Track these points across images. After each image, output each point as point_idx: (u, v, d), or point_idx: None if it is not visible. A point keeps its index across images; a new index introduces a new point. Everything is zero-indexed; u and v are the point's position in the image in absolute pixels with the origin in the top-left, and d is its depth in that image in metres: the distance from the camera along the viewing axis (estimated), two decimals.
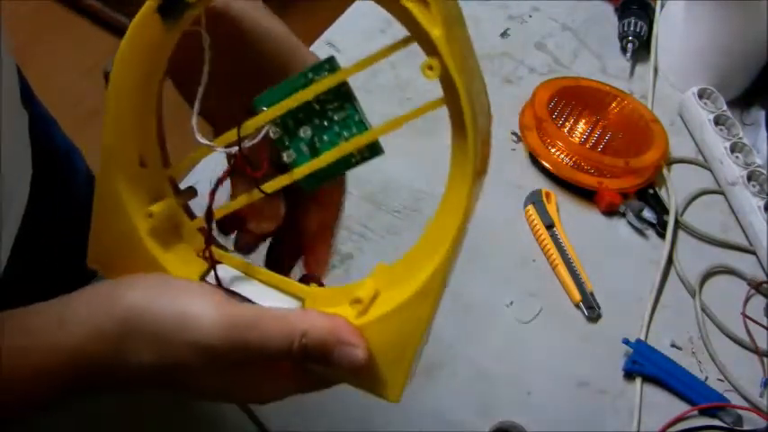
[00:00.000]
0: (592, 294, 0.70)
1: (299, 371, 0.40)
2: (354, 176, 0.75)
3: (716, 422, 0.65)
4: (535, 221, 0.74)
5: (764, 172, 0.77)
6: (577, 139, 0.79)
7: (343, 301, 0.39)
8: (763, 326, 0.71)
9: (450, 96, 0.35)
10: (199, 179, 0.48)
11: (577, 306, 0.70)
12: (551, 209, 0.75)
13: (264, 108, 0.39)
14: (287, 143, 0.40)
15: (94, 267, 0.43)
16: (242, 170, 0.40)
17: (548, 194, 0.76)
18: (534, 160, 0.79)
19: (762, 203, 0.76)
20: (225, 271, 0.42)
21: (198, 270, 0.42)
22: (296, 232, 0.47)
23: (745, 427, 0.65)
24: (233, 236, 0.47)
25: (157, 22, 0.38)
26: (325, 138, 0.39)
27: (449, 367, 0.65)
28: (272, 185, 0.40)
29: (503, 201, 0.76)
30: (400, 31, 0.37)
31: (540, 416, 0.63)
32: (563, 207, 0.76)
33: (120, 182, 0.40)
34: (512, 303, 0.70)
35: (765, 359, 0.69)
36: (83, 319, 0.38)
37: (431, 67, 0.34)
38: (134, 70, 0.39)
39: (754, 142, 0.81)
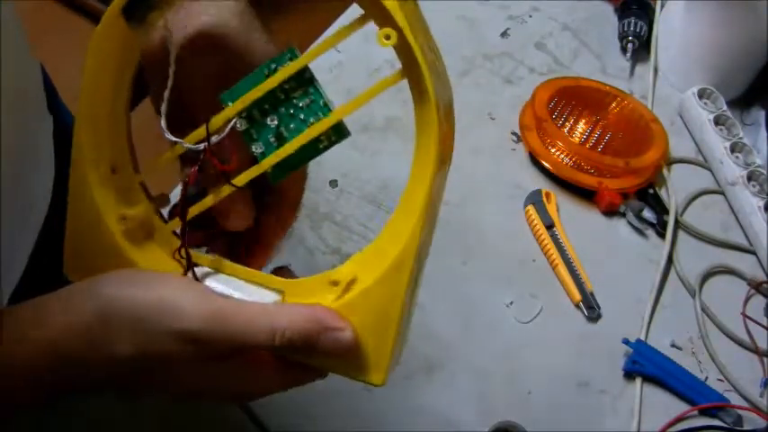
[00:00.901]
0: (592, 294, 0.71)
1: (284, 363, 0.39)
2: (354, 176, 0.75)
3: (716, 422, 0.65)
4: (535, 221, 0.74)
5: (764, 172, 0.77)
6: (577, 139, 0.79)
7: (322, 289, 0.40)
8: (763, 326, 0.71)
9: (408, 64, 0.36)
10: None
11: (577, 306, 0.70)
12: (551, 209, 0.75)
13: (230, 103, 0.39)
14: (255, 136, 0.40)
15: (72, 278, 0.42)
16: (212, 168, 0.40)
17: (548, 194, 0.76)
18: (534, 160, 0.79)
19: (762, 203, 0.76)
20: (200, 270, 0.42)
21: (175, 272, 0.42)
22: (254, 230, 0.46)
23: (745, 427, 0.65)
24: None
25: (123, 26, 0.38)
26: (292, 126, 0.40)
27: (449, 367, 0.65)
28: (241, 179, 0.40)
29: (503, 201, 0.76)
30: None
31: (540, 416, 0.63)
32: (563, 207, 0.76)
33: (94, 189, 0.41)
34: (512, 303, 0.70)
35: (765, 359, 0.69)
36: (58, 313, 0.38)
37: (387, 37, 0.35)
38: (103, 76, 0.39)
39: (754, 142, 0.81)
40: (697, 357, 0.69)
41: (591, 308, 0.70)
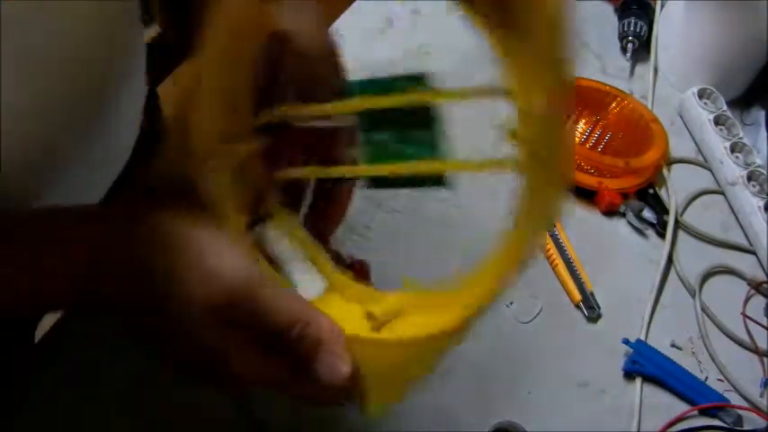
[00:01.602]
0: (592, 294, 0.70)
1: (282, 363, 0.39)
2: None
3: (716, 422, 0.65)
4: None
5: (764, 172, 0.77)
6: (577, 139, 0.79)
7: (360, 308, 0.39)
8: (763, 326, 0.71)
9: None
10: None
11: (577, 306, 0.70)
12: None
13: (354, 95, 0.38)
14: (361, 138, 0.39)
15: (154, 179, 0.42)
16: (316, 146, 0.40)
17: None
18: None
19: (762, 203, 0.76)
20: (270, 227, 0.41)
21: (247, 218, 0.41)
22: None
23: (745, 427, 0.65)
24: None
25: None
26: (399, 148, 0.39)
27: (449, 367, 0.65)
28: (338, 171, 0.40)
29: (503, 201, 0.76)
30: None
31: (540, 416, 0.63)
32: (563, 207, 0.76)
33: (206, 113, 0.39)
34: (512, 303, 0.70)
35: (765, 359, 0.69)
36: (111, 218, 0.39)
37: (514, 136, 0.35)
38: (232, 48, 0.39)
39: (754, 142, 0.81)
40: (697, 357, 0.69)
41: (591, 308, 0.70)
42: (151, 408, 0.58)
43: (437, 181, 0.39)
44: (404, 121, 0.38)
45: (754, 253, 0.76)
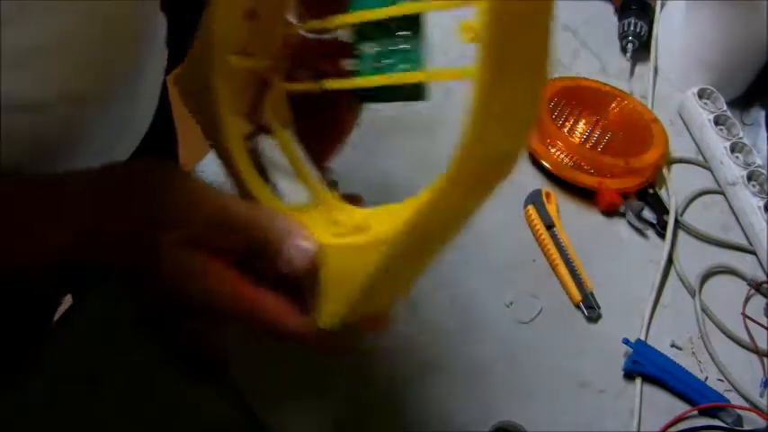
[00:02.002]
0: (592, 294, 0.70)
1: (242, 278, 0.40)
2: (354, 176, 0.75)
3: (716, 422, 0.65)
4: (535, 221, 0.74)
5: (764, 172, 0.77)
6: (577, 139, 0.79)
7: (330, 218, 0.41)
8: (763, 326, 0.71)
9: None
10: None
11: (577, 306, 0.70)
12: (551, 209, 0.75)
13: (353, 10, 0.40)
14: (354, 52, 0.40)
15: (176, 85, 0.44)
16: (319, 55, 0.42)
17: (548, 194, 0.76)
18: (534, 160, 0.79)
19: (762, 203, 0.76)
20: (267, 140, 0.43)
21: (247, 128, 0.43)
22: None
23: (745, 427, 0.65)
24: None
25: None
26: (388, 61, 0.40)
27: (449, 367, 0.65)
28: (331, 84, 0.41)
29: (503, 201, 0.76)
30: None
31: (540, 416, 0.63)
32: (563, 207, 0.76)
33: (218, 23, 0.40)
34: (512, 303, 0.70)
35: (765, 359, 0.69)
36: (116, 173, 0.42)
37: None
38: None
39: (754, 142, 0.81)
40: (697, 357, 0.69)
41: (591, 308, 0.70)
42: (151, 408, 0.58)
43: (418, 93, 0.40)
44: (391, 34, 0.39)
45: (754, 253, 0.76)
